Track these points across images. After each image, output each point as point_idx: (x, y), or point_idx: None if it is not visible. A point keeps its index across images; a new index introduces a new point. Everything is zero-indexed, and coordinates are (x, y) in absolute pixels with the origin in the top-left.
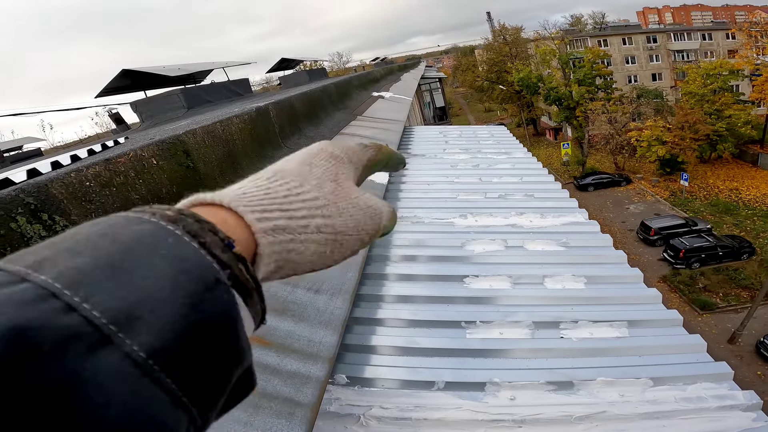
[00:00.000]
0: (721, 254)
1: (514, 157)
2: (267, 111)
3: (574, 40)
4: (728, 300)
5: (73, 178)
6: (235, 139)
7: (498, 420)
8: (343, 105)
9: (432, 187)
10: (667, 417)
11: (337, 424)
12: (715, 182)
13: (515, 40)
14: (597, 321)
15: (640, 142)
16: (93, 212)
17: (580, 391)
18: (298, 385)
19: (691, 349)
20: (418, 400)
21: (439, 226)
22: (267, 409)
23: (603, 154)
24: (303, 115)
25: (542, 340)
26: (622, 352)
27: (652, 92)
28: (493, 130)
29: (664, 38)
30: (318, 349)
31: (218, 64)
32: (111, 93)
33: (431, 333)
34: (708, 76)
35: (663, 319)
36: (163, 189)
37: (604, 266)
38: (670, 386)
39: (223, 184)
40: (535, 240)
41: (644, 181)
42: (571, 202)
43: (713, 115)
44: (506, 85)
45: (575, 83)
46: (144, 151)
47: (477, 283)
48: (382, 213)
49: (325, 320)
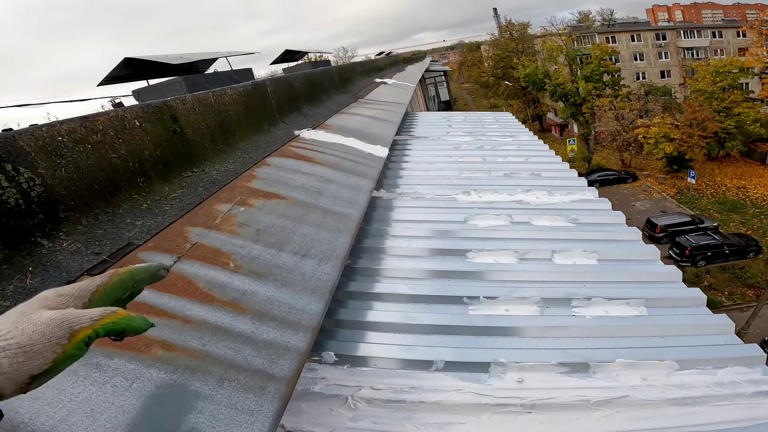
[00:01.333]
0: (727, 252)
1: (519, 139)
2: (264, 86)
3: (582, 37)
4: (733, 298)
5: (44, 131)
6: (229, 110)
7: (504, 404)
8: (345, 89)
9: (434, 166)
10: (698, 403)
11: (321, 405)
12: (723, 180)
13: (522, 36)
14: (612, 298)
15: (648, 139)
16: (63, 167)
17: (596, 374)
18: (274, 356)
19: (717, 330)
20: (413, 381)
21: (441, 202)
22: (233, 381)
23: (609, 150)
24: (303, 94)
25: (553, 317)
26: (642, 332)
27: (661, 89)
28: (498, 116)
29: (674, 35)
30: (300, 317)
31: (222, 54)
32: (113, 82)
33: (430, 309)
34: (718, 74)
35: (684, 298)
36: (145, 151)
37: (617, 243)
38: (699, 370)
39: (213, 153)
40: (543, 216)
41: (651, 179)
42: (579, 181)
43: (722, 113)
44: (512, 81)
45: (582, 79)
46: (127, 112)
47: (480, 258)
48: (71, 320)
49: (311, 286)
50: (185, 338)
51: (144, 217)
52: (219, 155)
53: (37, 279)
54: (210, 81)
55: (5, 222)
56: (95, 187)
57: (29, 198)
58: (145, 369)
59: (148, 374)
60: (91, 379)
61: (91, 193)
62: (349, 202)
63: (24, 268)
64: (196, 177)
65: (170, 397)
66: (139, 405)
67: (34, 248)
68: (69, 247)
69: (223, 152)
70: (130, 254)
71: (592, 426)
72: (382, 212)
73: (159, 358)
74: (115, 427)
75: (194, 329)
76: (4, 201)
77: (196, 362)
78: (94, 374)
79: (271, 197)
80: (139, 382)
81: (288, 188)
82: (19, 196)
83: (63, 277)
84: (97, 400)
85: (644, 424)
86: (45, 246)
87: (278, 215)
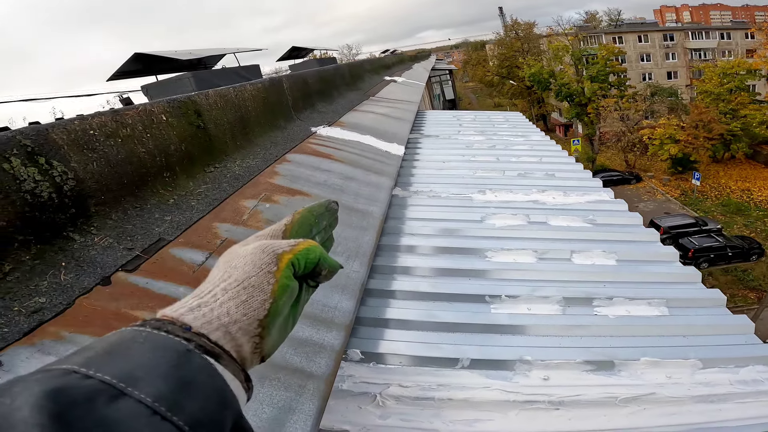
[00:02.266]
0: (730, 255)
1: (531, 139)
2: (281, 83)
3: (588, 37)
4: (735, 301)
5: (77, 125)
6: (248, 105)
7: (532, 401)
8: (356, 86)
9: (447, 165)
10: (723, 400)
11: (350, 403)
12: (727, 182)
13: (527, 36)
14: (633, 298)
15: (653, 140)
16: (95, 161)
17: (622, 372)
18: (310, 354)
19: (737, 330)
20: (440, 378)
21: (457, 201)
22: (274, 380)
23: (614, 151)
24: (316, 91)
25: (575, 316)
26: (665, 332)
27: (667, 90)
28: (508, 116)
29: (682, 36)
30: (333, 314)
31: (229, 50)
32: (123, 77)
33: (452, 307)
34: (725, 75)
35: (704, 298)
36: (171, 146)
37: (635, 244)
38: (722, 368)
39: (234, 148)
40: (559, 216)
41: (655, 180)
42: (594, 181)
43: (728, 115)
44: (517, 80)
45: (588, 80)
46: (154, 107)
47: (499, 257)
48: (273, 245)
49: (342, 284)
50: None
51: (172, 212)
52: (239, 151)
53: (71, 275)
54: (218, 77)
55: (38, 216)
56: (124, 181)
57: (62, 192)
58: None
59: None
60: None
61: (120, 187)
62: (370, 199)
63: (57, 264)
64: (218, 172)
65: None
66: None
67: (66, 243)
68: (101, 242)
69: (243, 148)
70: (162, 250)
71: (620, 422)
72: (398, 210)
73: None
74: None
75: None
76: (37, 194)
77: None
78: None
79: (295, 194)
80: None
81: (310, 185)
82: (52, 190)
83: (98, 272)
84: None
85: (671, 420)
86: (77, 241)
87: None
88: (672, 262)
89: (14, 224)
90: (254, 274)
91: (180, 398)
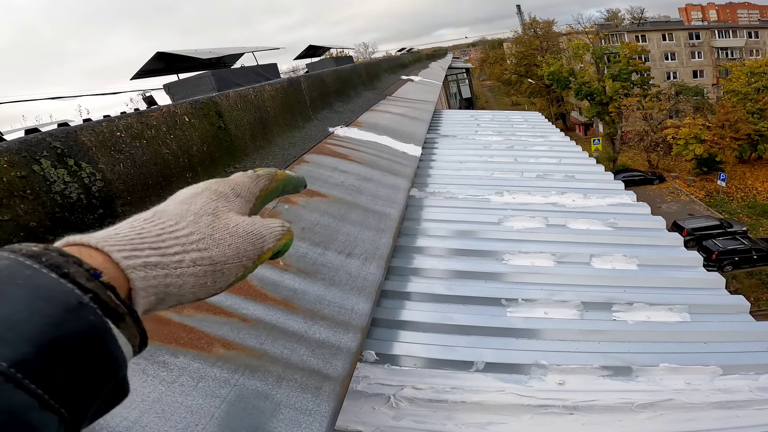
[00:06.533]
0: (755, 258)
1: (550, 140)
2: (299, 82)
3: (610, 35)
4: (759, 305)
5: (104, 127)
6: (267, 105)
7: (546, 405)
8: (373, 85)
9: (465, 165)
10: (741, 407)
11: (364, 404)
12: (754, 183)
13: (546, 34)
14: (654, 304)
15: (677, 140)
16: (122, 162)
17: (639, 378)
18: (327, 356)
19: (760, 337)
20: (454, 381)
21: (474, 202)
22: (291, 381)
23: (636, 151)
24: (333, 91)
25: (593, 321)
26: (686, 338)
27: (692, 89)
28: (527, 116)
29: (708, 35)
30: (350, 317)
31: (248, 49)
32: (145, 75)
33: (468, 310)
34: (752, 75)
35: (727, 305)
36: (193, 147)
37: (658, 248)
38: (742, 375)
39: (253, 149)
40: (579, 219)
41: (679, 180)
42: (616, 184)
43: (756, 114)
44: (535, 78)
45: (609, 78)
46: (177, 108)
47: (517, 260)
48: (264, 237)
49: (358, 286)
50: (243, 337)
51: None
52: (258, 151)
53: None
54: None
55: (67, 217)
56: (149, 182)
57: (90, 193)
58: (209, 368)
59: (212, 373)
60: (159, 378)
61: (145, 187)
62: (388, 201)
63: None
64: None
65: (233, 397)
66: (205, 405)
67: None
68: None
69: (262, 148)
70: None
71: (636, 427)
72: (414, 211)
73: (221, 357)
74: (185, 428)
75: (251, 328)
76: (66, 195)
77: (255, 361)
78: (162, 373)
79: (313, 195)
80: (204, 382)
81: (328, 186)
82: (81, 191)
83: None
84: (166, 400)
85: (688, 426)
86: None
87: (321, 213)
88: (695, 267)
89: (44, 224)
90: (232, 262)
91: (48, 365)
